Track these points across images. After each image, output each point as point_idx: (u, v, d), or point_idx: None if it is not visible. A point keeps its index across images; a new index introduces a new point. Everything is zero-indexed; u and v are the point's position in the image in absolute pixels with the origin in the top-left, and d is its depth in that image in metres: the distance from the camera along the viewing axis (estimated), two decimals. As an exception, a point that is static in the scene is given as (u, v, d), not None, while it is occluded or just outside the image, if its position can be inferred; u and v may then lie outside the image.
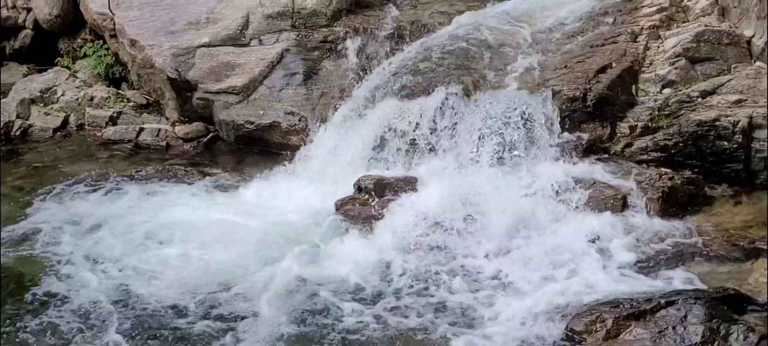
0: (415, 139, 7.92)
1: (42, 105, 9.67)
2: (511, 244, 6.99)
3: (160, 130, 9.21)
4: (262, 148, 8.77)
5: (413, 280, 6.67)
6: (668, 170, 7.35)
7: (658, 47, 7.89)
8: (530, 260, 6.82)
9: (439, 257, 6.91)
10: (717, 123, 7.39)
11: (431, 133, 7.90)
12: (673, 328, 5.78)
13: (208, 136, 9.12)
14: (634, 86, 7.76)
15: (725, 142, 7.38)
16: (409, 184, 7.60)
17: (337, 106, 8.47)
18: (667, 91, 7.63)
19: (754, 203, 7.27)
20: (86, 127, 9.46)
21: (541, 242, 6.97)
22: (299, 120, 8.60)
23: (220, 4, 9.36)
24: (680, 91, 7.60)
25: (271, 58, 8.87)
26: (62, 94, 9.69)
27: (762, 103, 7.36)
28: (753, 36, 7.60)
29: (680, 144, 7.51)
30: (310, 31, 8.98)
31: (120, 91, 9.71)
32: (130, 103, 9.59)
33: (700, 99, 7.52)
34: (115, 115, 9.44)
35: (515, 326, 6.12)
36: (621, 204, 7.14)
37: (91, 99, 9.60)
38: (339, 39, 8.92)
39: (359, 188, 7.65)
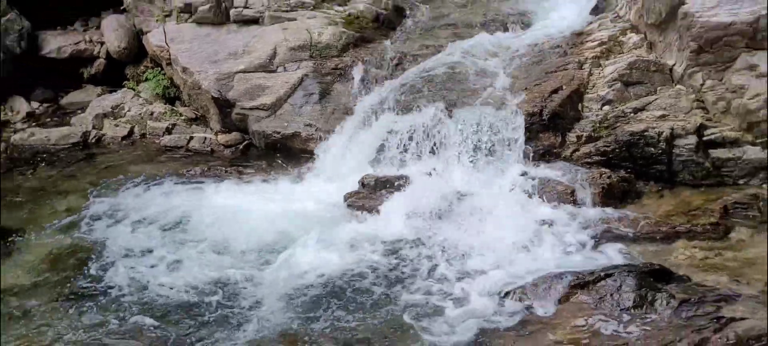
0: (406, 146, 8.01)
1: (112, 119, 9.75)
2: (480, 227, 7.13)
3: (205, 138, 9.30)
4: (286, 153, 8.81)
5: (401, 252, 6.92)
6: (607, 170, 7.53)
7: (599, 73, 8.02)
8: (496, 240, 6.96)
9: (422, 237, 7.09)
10: (645, 133, 7.54)
11: (420, 142, 7.97)
12: (611, 295, 6.00)
13: (244, 144, 9.22)
14: (580, 104, 7.88)
15: (652, 149, 7.54)
16: (401, 181, 7.73)
17: (346, 120, 8.53)
18: (606, 108, 7.77)
19: (675, 196, 7.42)
20: (147, 136, 9.55)
21: (505, 226, 7.08)
22: (315, 130, 8.68)
23: (253, 39, 9.39)
24: (617, 108, 7.74)
25: (293, 82, 8.94)
26: (128, 110, 9.79)
27: (681, 117, 7.54)
28: (674, 65, 7.74)
29: (616, 150, 7.64)
30: (324, 60, 9.04)
31: (174, 108, 9.81)
32: (182, 117, 9.68)
33: (632, 114, 7.67)
34: (170, 126, 9.53)
35: (483, 292, 6.30)
36: (570, 197, 7.34)
37: (151, 114, 9.69)
38: (347, 66, 8.99)
39: (362, 184, 7.83)
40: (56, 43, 10.45)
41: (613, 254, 6.74)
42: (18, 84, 10.25)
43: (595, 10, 9.12)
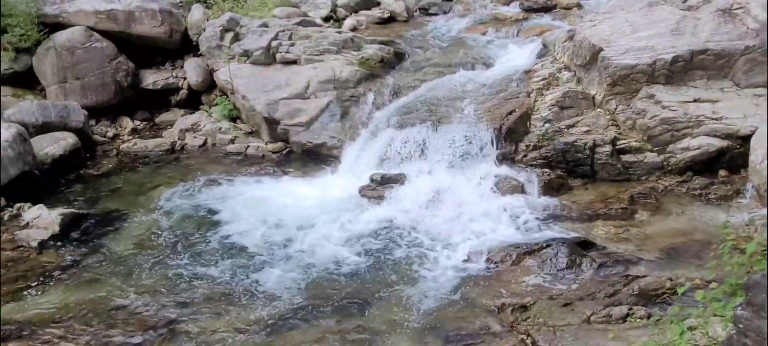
0: (403, 153, 8.01)
1: (192, 132, 9.72)
2: (456, 211, 7.19)
3: (258, 147, 9.25)
4: (316, 157, 8.78)
5: (397, 230, 6.98)
6: (548, 170, 7.61)
7: (542, 100, 8.06)
8: (468, 221, 7.04)
9: (414, 218, 7.14)
10: (575, 143, 7.61)
11: (413, 149, 7.96)
12: (550, 259, 6.16)
13: (286, 150, 9.14)
14: (528, 122, 7.91)
15: (580, 154, 7.61)
16: (401, 178, 7.76)
17: (359, 133, 8.54)
18: (547, 125, 7.80)
19: (596, 188, 7.49)
20: (216, 145, 9.50)
21: (474, 211, 7.17)
22: (338, 141, 8.66)
23: (292, 75, 9.36)
24: (554, 125, 7.79)
25: (321, 106, 8.92)
26: (203, 126, 9.76)
27: (601, 132, 7.63)
28: (595, 94, 7.86)
29: (554, 155, 7.68)
30: (344, 90, 9.01)
31: (235, 125, 9.75)
32: (241, 132, 9.61)
33: (566, 129, 7.75)
34: (233, 138, 9.47)
35: (457, 258, 6.42)
36: (520, 189, 7.40)
37: (220, 129, 9.64)
38: (360, 95, 8.98)
39: (372, 180, 7.83)
40: (152, 78, 10.46)
41: (552, 230, 6.79)
42: (125, 108, 10.29)
43: (539, 55, 9.13)
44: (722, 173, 7.26)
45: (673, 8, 8.17)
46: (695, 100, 7.34)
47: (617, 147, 7.58)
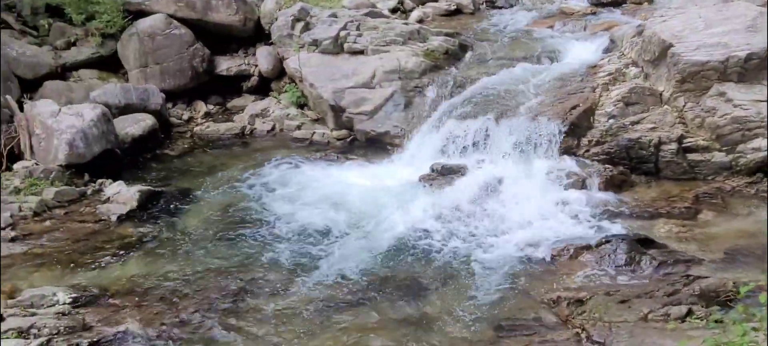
0: (464, 144, 7.94)
1: (261, 118, 9.85)
2: (516, 203, 7.11)
3: (324, 133, 9.32)
4: (379, 145, 8.81)
5: (455, 219, 6.95)
6: (610, 166, 7.43)
7: (607, 95, 7.83)
8: (527, 213, 6.93)
9: (473, 208, 7.09)
10: (640, 140, 7.41)
11: (474, 141, 7.89)
12: (609, 255, 6.02)
13: (350, 138, 9.18)
14: (592, 117, 7.71)
15: (643, 151, 7.41)
16: (461, 168, 7.71)
17: (422, 123, 8.50)
18: (611, 121, 7.60)
19: (659, 186, 7.30)
20: (284, 130, 9.60)
21: (533, 204, 7.07)
22: (401, 130, 8.67)
23: (359, 65, 9.39)
24: (619, 121, 7.57)
25: (386, 96, 8.93)
26: (272, 112, 9.88)
27: (667, 129, 7.40)
28: (663, 91, 7.59)
29: (617, 151, 7.50)
30: (408, 81, 8.98)
31: (303, 112, 9.83)
32: (308, 118, 9.70)
33: (630, 126, 7.52)
34: (300, 124, 9.56)
35: (514, 249, 6.35)
36: (581, 184, 7.26)
37: (287, 115, 9.74)
38: (424, 86, 8.93)
39: (432, 169, 7.78)
40: (226, 65, 10.64)
41: (612, 226, 6.63)
42: (200, 92, 10.51)
43: (606, 50, 8.91)
44: (795, 175, 6.90)
45: (749, 3, 7.84)
46: (770, 99, 7.02)
47: (683, 145, 7.34)
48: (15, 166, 8.01)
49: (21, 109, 8.53)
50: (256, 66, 10.57)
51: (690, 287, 5.45)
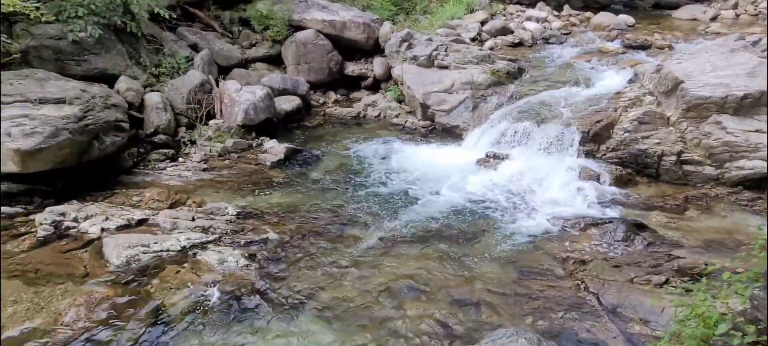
0: (513, 140, 7.78)
1: (372, 107, 9.89)
2: (545, 186, 6.91)
3: (414, 122, 9.26)
4: (451, 134, 8.69)
5: (499, 192, 6.84)
6: (620, 167, 7.11)
7: (626, 115, 7.38)
8: (552, 194, 6.75)
9: (512, 187, 6.96)
10: (647, 150, 7.03)
11: (519, 139, 7.73)
12: (610, 232, 5.83)
13: (431, 127, 9.08)
14: (611, 130, 7.33)
15: (649, 159, 7.03)
16: (507, 157, 7.56)
17: (483, 122, 8.36)
18: (626, 134, 7.20)
19: (657, 187, 6.91)
20: (386, 118, 9.58)
21: (558, 188, 6.85)
22: (468, 126, 8.57)
23: (443, 76, 9.28)
24: (632, 135, 7.17)
25: (460, 99, 8.83)
26: (380, 104, 9.86)
27: (669, 145, 6.93)
28: (670, 116, 7.09)
29: (628, 157, 7.15)
30: (477, 91, 8.83)
31: (401, 105, 9.79)
32: (404, 110, 9.66)
33: (641, 139, 7.11)
34: (398, 114, 9.45)
35: (539, 218, 6.23)
36: (596, 178, 6.99)
37: (390, 107, 9.76)
38: (488, 95, 8.78)
39: (487, 155, 7.68)
40: (352, 68, 10.71)
41: (615, 211, 6.41)
42: (332, 85, 10.64)
43: (630, 81, 8.33)
44: (771, 191, 6.31)
45: (752, 55, 7.11)
46: (757, 131, 6.40)
47: (681, 158, 6.87)
48: (210, 122, 8.51)
49: (217, 85, 9.01)
50: (372, 71, 10.60)
51: (670, 263, 5.21)
